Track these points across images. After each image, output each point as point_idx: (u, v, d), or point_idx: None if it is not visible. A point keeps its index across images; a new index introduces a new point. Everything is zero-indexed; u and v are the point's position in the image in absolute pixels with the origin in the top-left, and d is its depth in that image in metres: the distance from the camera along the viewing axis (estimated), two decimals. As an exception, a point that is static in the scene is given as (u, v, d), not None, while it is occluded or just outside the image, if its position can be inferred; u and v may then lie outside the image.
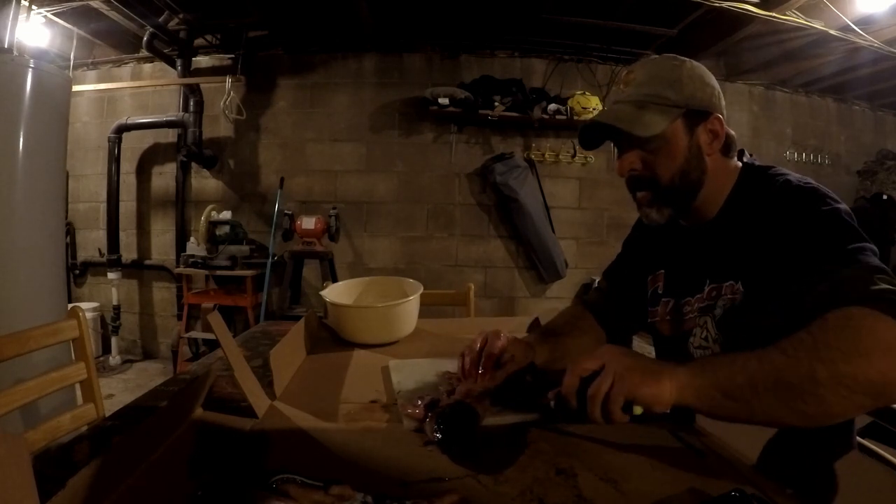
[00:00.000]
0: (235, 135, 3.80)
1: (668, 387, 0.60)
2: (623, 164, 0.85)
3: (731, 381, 0.59)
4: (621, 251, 1.11)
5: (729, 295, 0.80)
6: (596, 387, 0.62)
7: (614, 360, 0.63)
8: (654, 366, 0.63)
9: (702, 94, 0.81)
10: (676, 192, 0.83)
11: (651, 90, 0.81)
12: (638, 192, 0.87)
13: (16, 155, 1.93)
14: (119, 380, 3.49)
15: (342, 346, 1.18)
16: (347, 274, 3.65)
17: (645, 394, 0.60)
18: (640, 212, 0.90)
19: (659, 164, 0.82)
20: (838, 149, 4.29)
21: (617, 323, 1.05)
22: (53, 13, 3.09)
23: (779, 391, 0.57)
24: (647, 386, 0.60)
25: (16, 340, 1.03)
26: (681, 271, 0.92)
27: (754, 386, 0.58)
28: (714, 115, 0.82)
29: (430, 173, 3.79)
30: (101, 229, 3.82)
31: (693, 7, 2.91)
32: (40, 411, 1.46)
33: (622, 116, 0.81)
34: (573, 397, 0.64)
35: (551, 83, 3.77)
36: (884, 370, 0.55)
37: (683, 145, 0.81)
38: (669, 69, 0.82)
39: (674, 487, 0.57)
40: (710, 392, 0.60)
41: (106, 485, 0.52)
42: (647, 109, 0.80)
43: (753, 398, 0.58)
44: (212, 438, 0.68)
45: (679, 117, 0.80)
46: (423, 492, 0.54)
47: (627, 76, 0.85)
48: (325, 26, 3.56)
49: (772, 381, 0.57)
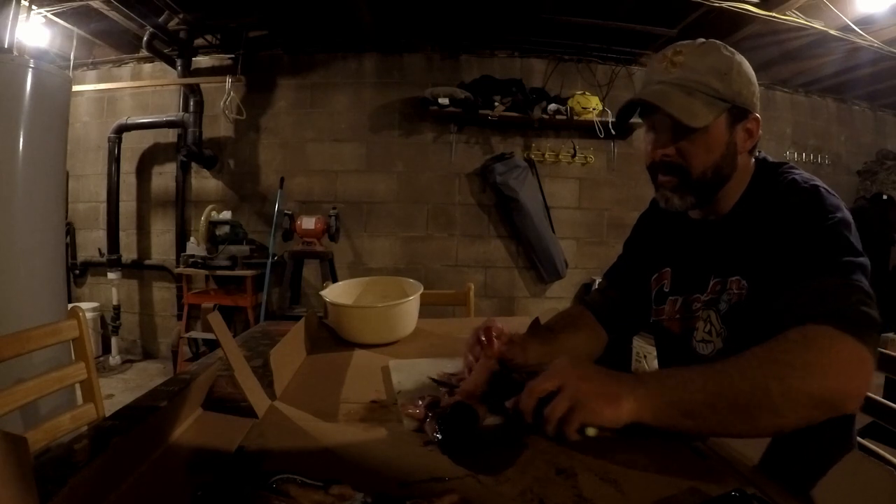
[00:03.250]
0: (235, 135, 3.80)
1: (625, 408, 0.61)
2: (656, 148, 0.83)
3: (690, 400, 0.61)
4: (622, 252, 1.10)
5: (735, 290, 0.80)
6: (551, 410, 0.62)
7: (571, 383, 0.63)
8: (612, 386, 0.63)
9: (747, 92, 0.80)
10: (705, 184, 0.82)
11: (701, 78, 0.78)
12: (662, 176, 0.84)
13: (16, 155, 1.93)
14: (119, 380, 3.49)
15: (342, 346, 1.18)
16: (347, 274, 3.65)
17: (602, 418, 0.61)
18: (658, 194, 0.87)
19: (695, 155, 0.80)
20: (838, 149, 4.28)
21: (618, 322, 1.05)
22: (53, 13, 3.09)
23: (736, 409, 0.59)
24: (604, 410, 0.61)
25: (16, 340, 1.03)
26: (688, 268, 0.92)
27: (712, 405, 0.60)
28: (753, 114, 0.81)
29: (430, 173, 3.79)
30: (101, 229, 3.82)
31: (693, 7, 2.91)
32: (40, 411, 1.46)
33: (673, 101, 0.77)
34: (529, 415, 0.65)
35: (551, 83, 3.77)
36: (835, 387, 0.58)
37: (723, 141, 0.80)
38: (721, 60, 0.80)
39: (674, 487, 0.57)
40: (669, 411, 0.61)
41: (106, 485, 0.52)
42: (696, 98, 0.77)
43: (711, 416, 0.60)
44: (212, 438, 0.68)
45: (724, 112, 0.79)
46: (423, 492, 0.54)
47: (675, 56, 0.81)
48: (325, 26, 3.56)
49: (730, 400, 0.59)
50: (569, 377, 0.64)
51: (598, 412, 0.61)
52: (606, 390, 0.62)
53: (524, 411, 0.65)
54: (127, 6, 3.00)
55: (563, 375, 0.64)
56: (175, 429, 0.67)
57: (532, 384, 0.65)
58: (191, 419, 0.72)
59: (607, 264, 1.13)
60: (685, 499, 0.55)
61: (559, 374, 0.65)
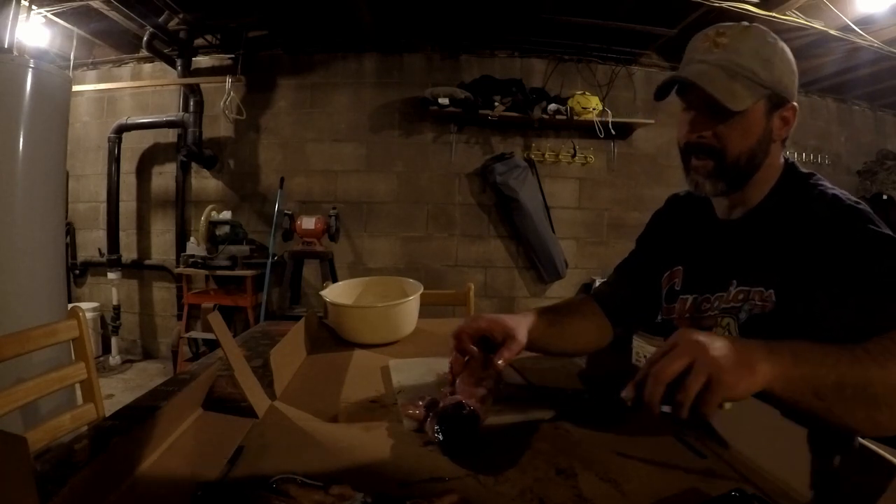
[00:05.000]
0: (235, 135, 3.80)
1: (760, 376, 0.56)
2: (693, 128, 0.82)
3: (823, 379, 0.57)
4: (635, 248, 1.09)
5: (758, 301, 0.79)
6: (685, 391, 0.54)
7: (703, 356, 0.55)
8: (746, 353, 0.56)
9: (787, 80, 0.80)
10: (738, 170, 0.81)
11: (744, 62, 0.77)
12: (696, 159, 0.83)
13: (16, 155, 1.93)
14: (119, 380, 3.49)
15: (342, 346, 1.18)
16: (347, 274, 3.65)
17: (740, 391, 0.54)
18: (688, 178, 0.86)
19: (732, 138, 0.79)
20: (838, 149, 4.28)
21: (624, 316, 1.04)
22: (53, 13, 3.09)
23: (864, 399, 0.57)
24: (742, 382, 0.54)
25: (16, 340, 1.03)
26: (703, 267, 0.91)
27: (842, 389, 0.57)
28: (791, 102, 0.81)
29: (430, 173, 3.79)
30: (101, 229, 3.82)
31: (693, 7, 2.91)
32: (40, 411, 1.46)
33: (715, 82, 0.76)
34: (657, 406, 0.56)
35: (551, 83, 3.77)
36: None
37: (759, 127, 0.80)
38: (765, 45, 0.79)
39: (674, 487, 0.57)
40: (801, 386, 0.57)
41: (106, 485, 0.52)
42: (737, 81, 0.76)
43: (838, 401, 0.57)
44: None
45: (763, 98, 0.78)
46: (423, 492, 0.54)
47: (718, 37, 0.80)
48: (325, 26, 3.56)
49: (860, 388, 0.57)
50: (699, 350, 0.55)
51: (736, 385, 0.54)
52: (742, 358, 0.55)
53: (651, 403, 0.56)
54: (127, 6, 3.00)
55: (691, 349, 0.55)
56: (175, 429, 0.67)
57: (656, 369, 0.56)
58: (191, 419, 0.72)
59: (607, 264, 1.13)
60: (685, 499, 0.55)
61: (687, 349, 0.56)
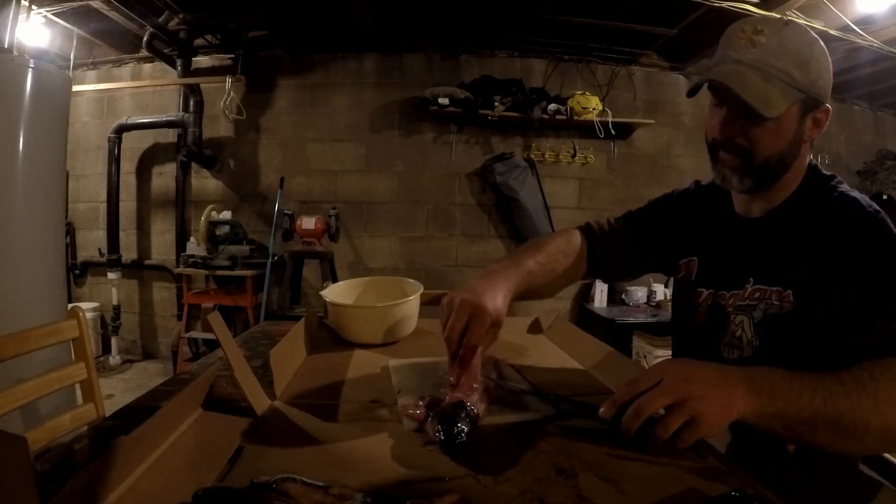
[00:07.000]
0: (235, 135, 3.80)
1: (737, 412, 0.59)
2: (724, 129, 0.80)
3: (796, 416, 0.60)
4: (649, 209, 1.07)
5: (775, 301, 0.78)
6: (665, 428, 0.58)
7: (688, 396, 0.58)
8: (727, 391, 0.59)
9: (823, 82, 0.78)
10: (768, 170, 0.80)
11: (781, 64, 0.74)
12: (723, 153, 0.81)
13: (16, 155, 1.93)
14: (119, 380, 3.49)
15: (342, 346, 1.18)
16: (347, 274, 3.65)
17: (718, 427, 0.59)
18: (715, 170, 0.84)
19: (763, 140, 0.77)
20: (838, 149, 4.28)
21: (606, 263, 1.03)
22: (53, 13, 3.09)
23: (833, 432, 0.60)
24: (722, 420, 0.59)
25: (16, 340, 1.03)
26: (719, 262, 0.90)
27: (814, 423, 0.60)
28: (825, 105, 0.80)
29: (430, 173, 3.79)
30: (101, 229, 3.82)
31: (693, 7, 2.90)
32: (40, 411, 1.46)
33: (750, 87, 0.73)
34: (633, 433, 0.60)
35: (551, 83, 3.77)
36: None
37: (792, 130, 0.78)
38: (803, 46, 0.76)
39: (674, 487, 0.57)
40: (773, 422, 0.60)
41: (106, 485, 0.52)
42: (773, 84, 0.74)
43: (808, 433, 0.60)
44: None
45: (798, 101, 0.76)
46: (423, 492, 0.54)
47: (756, 35, 0.77)
48: (325, 26, 3.56)
49: (831, 424, 0.59)
50: (684, 391, 0.58)
51: (714, 424, 0.58)
52: (723, 398, 0.59)
53: (628, 430, 0.60)
54: (127, 6, 3.00)
55: (676, 389, 0.59)
56: (175, 429, 0.67)
57: (640, 403, 0.59)
58: (191, 419, 0.72)
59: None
60: (685, 499, 0.55)
61: (673, 388, 0.59)
